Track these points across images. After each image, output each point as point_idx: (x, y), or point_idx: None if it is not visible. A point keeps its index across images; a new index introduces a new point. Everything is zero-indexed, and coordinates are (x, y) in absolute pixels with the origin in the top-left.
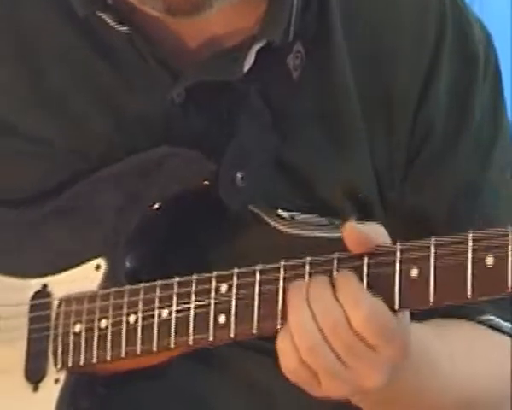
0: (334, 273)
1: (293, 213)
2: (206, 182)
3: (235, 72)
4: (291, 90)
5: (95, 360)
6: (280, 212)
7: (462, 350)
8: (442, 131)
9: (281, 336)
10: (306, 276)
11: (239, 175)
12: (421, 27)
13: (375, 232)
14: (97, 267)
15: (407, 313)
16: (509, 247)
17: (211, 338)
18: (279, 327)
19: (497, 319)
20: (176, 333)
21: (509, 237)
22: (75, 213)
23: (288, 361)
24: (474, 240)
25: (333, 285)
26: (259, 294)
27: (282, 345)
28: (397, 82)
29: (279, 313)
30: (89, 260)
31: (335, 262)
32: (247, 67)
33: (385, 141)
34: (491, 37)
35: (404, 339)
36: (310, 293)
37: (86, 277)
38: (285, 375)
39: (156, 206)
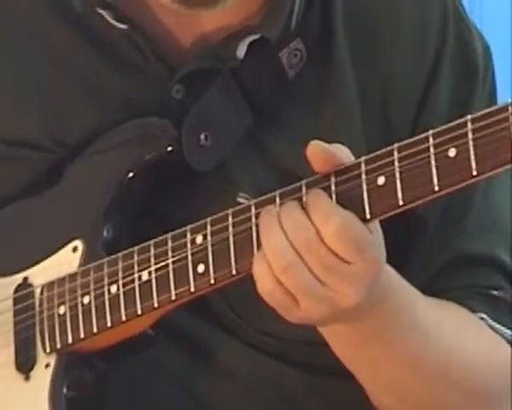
0: (304, 198)
1: None
2: (169, 148)
3: (229, 59)
4: (285, 87)
5: (82, 336)
6: None
7: (450, 321)
8: None
9: (255, 261)
10: (278, 206)
11: (202, 136)
12: (422, 33)
13: (340, 150)
14: (74, 249)
15: (378, 227)
16: (469, 135)
17: (192, 289)
18: None
19: (490, 320)
20: (158, 291)
21: (468, 126)
22: (51, 205)
23: (264, 284)
24: (434, 135)
25: (303, 208)
26: (234, 235)
27: (258, 268)
28: (395, 85)
29: (255, 249)
30: (65, 244)
31: (304, 188)
32: (241, 56)
33: (382, 143)
34: (489, 48)
35: (377, 253)
36: (281, 215)
37: (64, 261)
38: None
39: (130, 175)
